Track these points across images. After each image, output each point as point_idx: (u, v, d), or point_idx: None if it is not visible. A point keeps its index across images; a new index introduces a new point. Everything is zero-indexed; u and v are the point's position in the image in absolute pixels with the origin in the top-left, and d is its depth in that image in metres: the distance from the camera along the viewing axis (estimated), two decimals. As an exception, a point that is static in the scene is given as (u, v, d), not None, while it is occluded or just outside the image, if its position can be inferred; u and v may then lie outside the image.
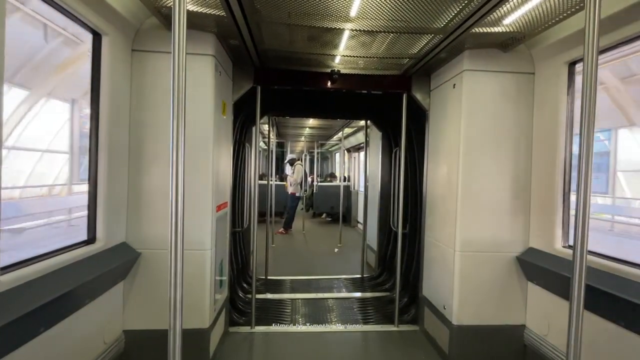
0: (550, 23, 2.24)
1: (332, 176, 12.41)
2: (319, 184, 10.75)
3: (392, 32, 2.50)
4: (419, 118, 3.52)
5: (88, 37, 2.20)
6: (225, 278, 3.05)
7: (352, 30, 2.48)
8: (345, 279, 4.88)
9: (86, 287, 1.96)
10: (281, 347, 3.03)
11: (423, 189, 3.45)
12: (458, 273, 2.70)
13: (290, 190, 8.63)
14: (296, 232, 8.40)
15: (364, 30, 2.48)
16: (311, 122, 7.60)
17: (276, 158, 9.24)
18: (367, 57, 3.01)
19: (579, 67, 2.42)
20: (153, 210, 2.51)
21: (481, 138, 2.70)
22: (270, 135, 5.99)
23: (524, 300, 2.72)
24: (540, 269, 2.51)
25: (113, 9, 2.13)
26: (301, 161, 9.60)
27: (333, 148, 14.32)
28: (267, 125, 5.78)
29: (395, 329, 3.39)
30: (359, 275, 4.99)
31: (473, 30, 2.32)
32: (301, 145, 12.90)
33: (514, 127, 2.71)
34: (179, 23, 1.16)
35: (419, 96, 3.38)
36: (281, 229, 8.24)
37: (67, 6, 1.87)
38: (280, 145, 12.69)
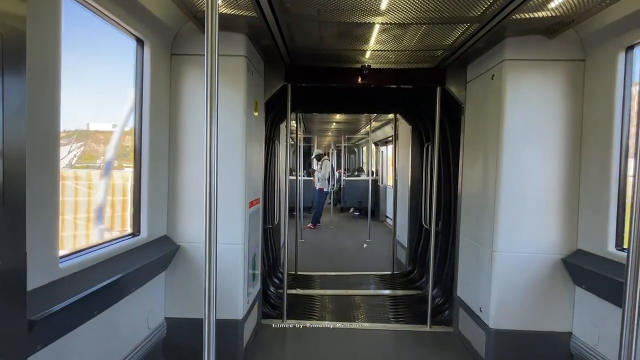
0: (604, 4, 2.03)
1: (360, 170, 12.29)
2: (347, 178, 10.69)
3: (425, 24, 2.40)
4: (453, 111, 3.37)
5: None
6: (258, 272, 3.14)
7: (383, 23, 2.41)
8: (375, 275, 4.84)
9: (132, 275, 2.11)
10: (312, 342, 3.08)
11: (458, 185, 3.32)
12: (496, 274, 2.58)
13: (318, 185, 8.67)
14: (324, 227, 8.45)
15: (395, 23, 2.40)
16: (338, 116, 7.54)
17: (303, 153, 9.30)
18: (398, 50, 2.93)
19: (638, 50, 2.19)
20: (190, 206, 2.64)
21: (523, 132, 2.53)
22: (298, 131, 6.03)
23: (570, 305, 2.55)
24: (590, 273, 2.33)
25: (154, 17, 2.23)
26: (328, 156, 9.59)
27: (360, 141, 14.14)
28: (294, 122, 5.83)
29: (427, 329, 3.32)
30: (389, 272, 4.93)
31: (514, 17, 2.16)
32: (328, 139, 12.86)
33: (561, 119, 2.52)
34: (212, 26, 1.18)
35: (453, 89, 3.23)
36: (310, 224, 8.32)
37: (113, 15, 1.98)
38: (307, 140, 12.74)
